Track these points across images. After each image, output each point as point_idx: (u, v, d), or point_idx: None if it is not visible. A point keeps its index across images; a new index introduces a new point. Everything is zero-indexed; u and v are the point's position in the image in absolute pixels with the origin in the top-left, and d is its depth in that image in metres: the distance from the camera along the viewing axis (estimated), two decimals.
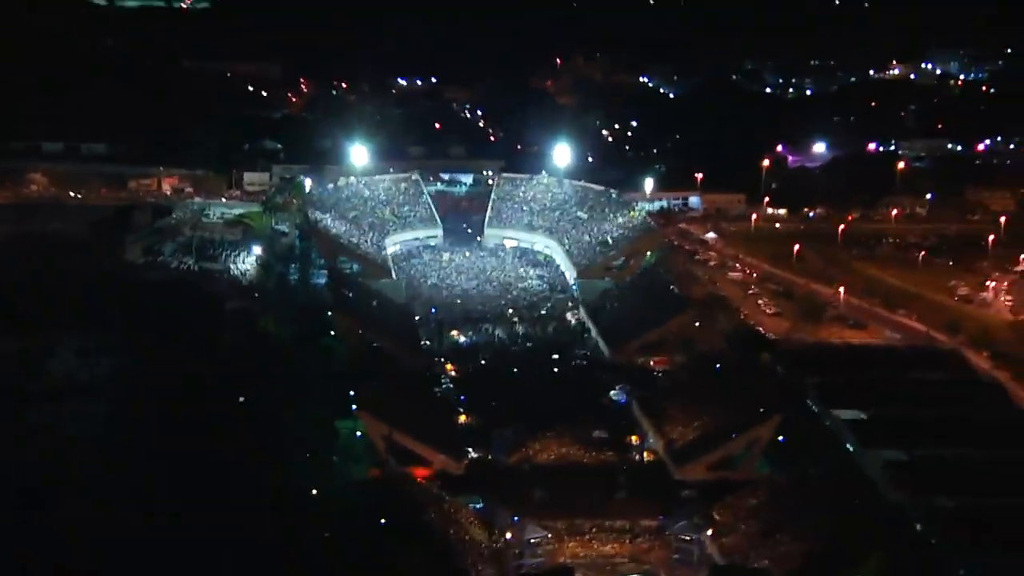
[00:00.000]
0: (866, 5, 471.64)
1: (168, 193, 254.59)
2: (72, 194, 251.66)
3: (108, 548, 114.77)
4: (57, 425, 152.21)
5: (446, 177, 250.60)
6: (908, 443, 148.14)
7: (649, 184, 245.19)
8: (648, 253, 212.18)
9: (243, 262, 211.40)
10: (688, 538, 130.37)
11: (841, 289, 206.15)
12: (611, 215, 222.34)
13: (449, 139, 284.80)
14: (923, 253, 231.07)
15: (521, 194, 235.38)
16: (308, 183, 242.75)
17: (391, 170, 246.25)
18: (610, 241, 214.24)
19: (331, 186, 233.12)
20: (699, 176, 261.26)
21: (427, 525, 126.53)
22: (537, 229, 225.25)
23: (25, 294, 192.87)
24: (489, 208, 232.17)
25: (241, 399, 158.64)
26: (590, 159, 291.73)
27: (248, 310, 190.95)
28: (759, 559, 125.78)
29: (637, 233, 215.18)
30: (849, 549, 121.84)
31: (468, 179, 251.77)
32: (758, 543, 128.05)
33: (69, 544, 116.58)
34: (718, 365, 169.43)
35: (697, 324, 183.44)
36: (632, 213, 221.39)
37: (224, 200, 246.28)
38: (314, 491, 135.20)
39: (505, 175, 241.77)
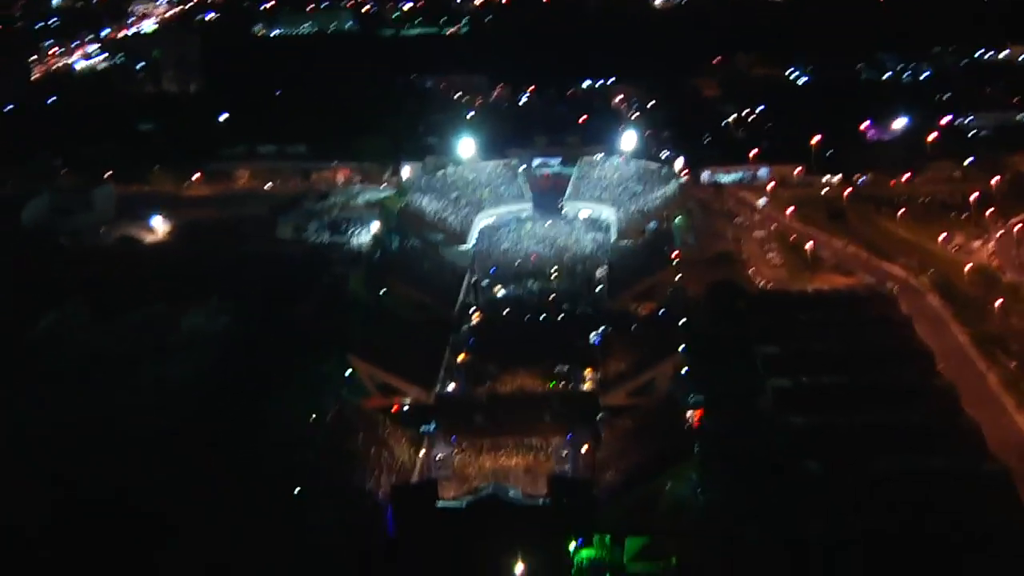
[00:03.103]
0: None
1: (341, 182, 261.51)
2: (267, 186, 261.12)
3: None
4: (166, 375, 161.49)
5: (536, 162, 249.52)
6: (800, 373, 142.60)
7: (679, 161, 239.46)
8: (678, 218, 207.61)
9: (363, 236, 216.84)
10: (564, 453, 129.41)
11: (808, 244, 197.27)
12: (659, 187, 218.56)
13: (574, 130, 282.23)
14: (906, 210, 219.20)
15: (596, 173, 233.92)
16: (407, 170, 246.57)
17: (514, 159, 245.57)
18: (646, 210, 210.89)
19: (440, 172, 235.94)
20: (755, 151, 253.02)
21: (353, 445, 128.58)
22: (604, 201, 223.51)
23: (189, 266, 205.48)
24: (570, 185, 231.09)
25: (295, 347, 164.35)
26: (705, 140, 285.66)
27: (343, 275, 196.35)
28: (609, 470, 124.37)
29: (671, 201, 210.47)
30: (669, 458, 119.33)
31: (555, 162, 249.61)
32: (615, 457, 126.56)
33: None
34: (661, 310, 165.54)
35: (678, 277, 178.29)
36: (668, 185, 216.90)
37: (381, 187, 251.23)
38: (313, 416, 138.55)
39: (586, 157, 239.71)
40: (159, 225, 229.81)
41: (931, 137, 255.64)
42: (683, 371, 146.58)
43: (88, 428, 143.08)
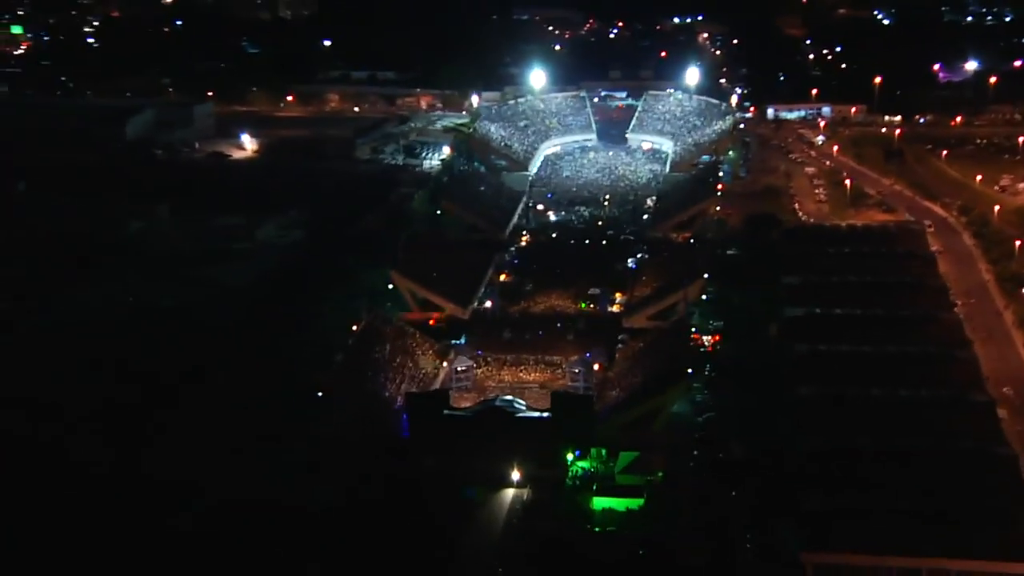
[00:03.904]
0: None
1: (424, 108, 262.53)
2: (355, 109, 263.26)
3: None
4: (220, 277, 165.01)
5: (602, 94, 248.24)
6: (815, 302, 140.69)
7: (735, 97, 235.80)
8: (730, 152, 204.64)
9: (435, 160, 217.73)
10: (576, 370, 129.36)
11: (847, 181, 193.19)
12: (716, 122, 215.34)
13: (649, 64, 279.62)
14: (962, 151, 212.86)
15: (660, 107, 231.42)
16: (475, 99, 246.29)
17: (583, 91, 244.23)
18: (700, 143, 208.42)
19: (512, 101, 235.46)
20: (815, 90, 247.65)
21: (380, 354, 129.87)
22: (665, 134, 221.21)
23: (271, 181, 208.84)
24: (634, 118, 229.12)
25: (350, 260, 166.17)
26: (781, 77, 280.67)
27: (409, 195, 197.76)
28: (615, 388, 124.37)
29: (724, 136, 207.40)
30: (669, 378, 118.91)
31: (622, 95, 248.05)
32: (623, 375, 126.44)
33: None
34: (692, 239, 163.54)
35: (718, 208, 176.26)
36: (724, 121, 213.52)
37: (461, 114, 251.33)
38: (354, 327, 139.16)
39: (651, 92, 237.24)
40: (248, 142, 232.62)
41: (993, 80, 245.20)
42: (703, 297, 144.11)
43: (152, 318, 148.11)
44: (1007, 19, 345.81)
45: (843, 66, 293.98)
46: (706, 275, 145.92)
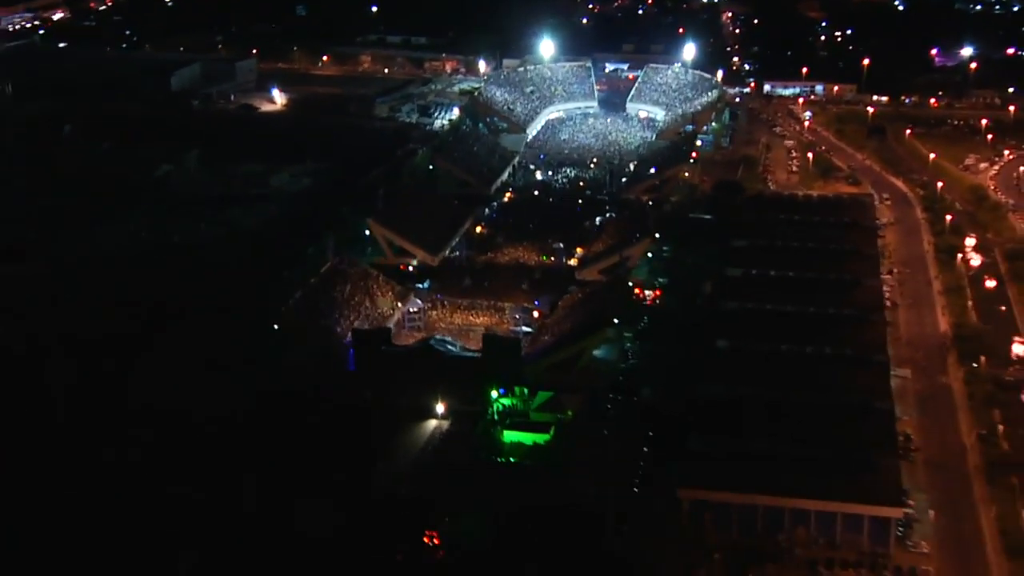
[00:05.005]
0: None
1: (448, 72, 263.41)
2: (384, 71, 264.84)
3: None
4: (231, 218, 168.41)
5: (610, 66, 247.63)
6: (754, 264, 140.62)
7: (720, 72, 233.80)
8: (713, 123, 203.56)
9: (444, 119, 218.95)
10: (517, 316, 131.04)
11: (809, 155, 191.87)
12: (705, 95, 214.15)
13: (661, 39, 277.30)
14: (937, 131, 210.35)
15: (659, 79, 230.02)
16: (483, 65, 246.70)
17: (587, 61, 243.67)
18: (686, 113, 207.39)
19: (520, 68, 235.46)
20: (804, 69, 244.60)
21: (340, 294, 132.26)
22: (660, 104, 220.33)
23: (292, 132, 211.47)
24: (634, 88, 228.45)
25: (344, 209, 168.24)
26: (788, 53, 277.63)
27: (414, 150, 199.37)
28: (548, 333, 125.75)
29: (709, 108, 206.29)
30: (592, 327, 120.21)
31: (625, 67, 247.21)
32: (558, 322, 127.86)
33: None
34: (650, 201, 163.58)
35: (686, 174, 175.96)
36: (710, 94, 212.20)
37: (482, 78, 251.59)
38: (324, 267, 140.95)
39: (652, 65, 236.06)
40: (278, 96, 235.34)
41: (974, 66, 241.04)
42: (649, 255, 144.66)
43: (158, 254, 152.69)
44: (1015, 8, 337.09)
45: (850, 48, 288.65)
46: (656, 235, 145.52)
